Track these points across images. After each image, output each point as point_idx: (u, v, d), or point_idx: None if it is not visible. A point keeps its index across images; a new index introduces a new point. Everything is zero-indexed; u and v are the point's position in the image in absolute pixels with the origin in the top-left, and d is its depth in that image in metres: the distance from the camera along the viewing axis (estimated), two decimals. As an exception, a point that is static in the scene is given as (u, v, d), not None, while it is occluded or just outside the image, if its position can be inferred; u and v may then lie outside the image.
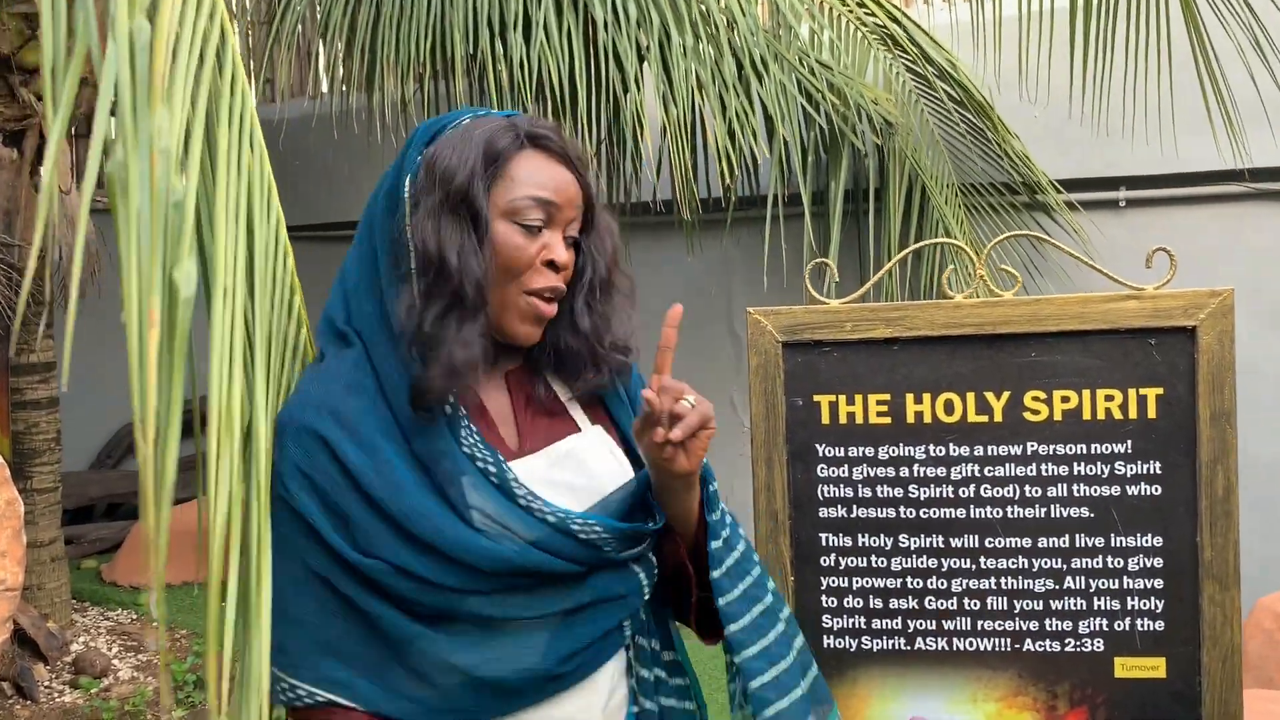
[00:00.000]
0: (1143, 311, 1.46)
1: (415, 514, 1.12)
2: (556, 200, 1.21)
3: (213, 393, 1.07)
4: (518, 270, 1.20)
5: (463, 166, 1.19)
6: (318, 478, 1.14)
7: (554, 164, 1.23)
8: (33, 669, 3.96)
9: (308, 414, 1.17)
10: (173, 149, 1.01)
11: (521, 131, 1.23)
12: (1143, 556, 1.47)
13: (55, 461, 4.42)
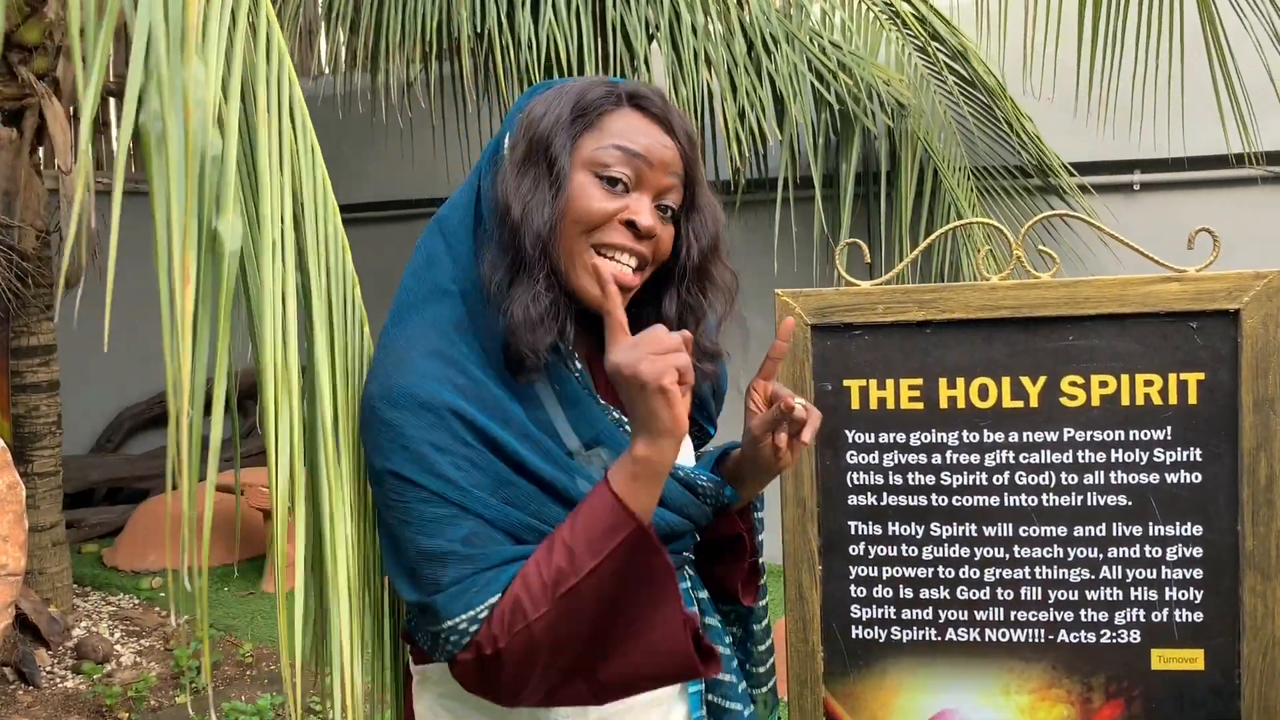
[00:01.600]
0: (1184, 294, 1.42)
1: (566, 476, 1.12)
2: (647, 156, 1.13)
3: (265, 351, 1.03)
4: (589, 224, 1.13)
5: (549, 116, 1.15)
6: (459, 451, 1.08)
7: (652, 125, 1.16)
8: (34, 654, 3.93)
9: (426, 388, 1.09)
10: (209, 101, 0.97)
11: (621, 90, 1.17)
12: (1182, 546, 1.43)
13: (56, 445, 4.38)
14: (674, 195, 1.17)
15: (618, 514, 1.06)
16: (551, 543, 1.08)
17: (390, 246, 5.76)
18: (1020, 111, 4.11)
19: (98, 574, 5.04)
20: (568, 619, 1.06)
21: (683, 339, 1.07)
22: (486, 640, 1.06)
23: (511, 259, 1.13)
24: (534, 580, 1.06)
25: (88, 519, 5.69)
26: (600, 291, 1.11)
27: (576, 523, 1.08)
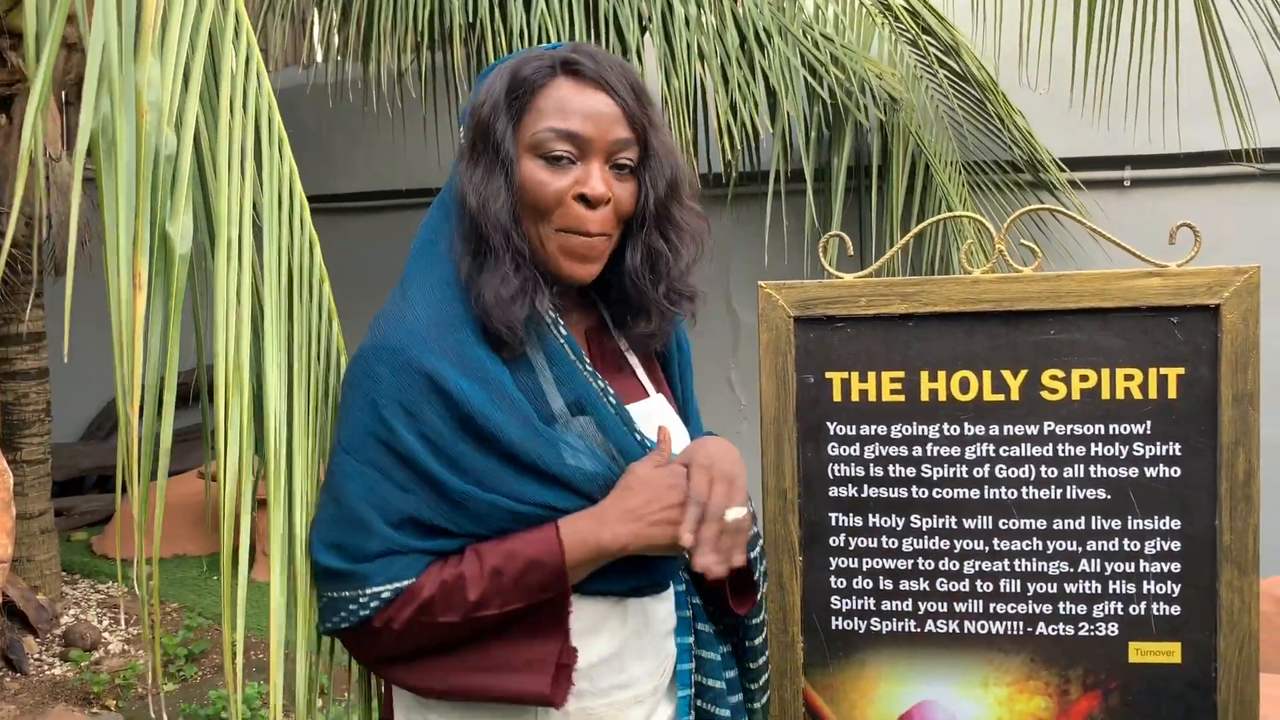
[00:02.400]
0: (1165, 289, 1.42)
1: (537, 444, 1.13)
2: (582, 131, 1.14)
3: (218, 353, 1.03)
4: (545, 208, 1.15)
5: (488, 102, 1.17)
6: (428, 417, 1.11)
7: (585, 90, 1.15)
8: (22, 642, 3.93)
9: (411, 347, 1.12)
10: (164, 101, 0.96)
11: (556, 59, 1.17)
12: (1160, 540, 1.44)
13: (45, 433, 4.38)
14: (629, 151, 1.17)
15: (560, 578, 1.12)
16: (482, 562, 1.12)
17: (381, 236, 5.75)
18: (1012, 106, 4.12)
19: (86, 562, 5.04)
20: (468, 632, 1.13)
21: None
22: (385, 616, 1.12)
23: (475, 246, 1.16)
24: (456, 593, 1.11)
25: (78, 507, 5.69)
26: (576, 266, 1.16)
27: (514, 558, 1.12)
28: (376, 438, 1.12)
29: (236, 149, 1.11)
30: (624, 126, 1.16)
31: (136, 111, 0.91)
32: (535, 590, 1.12)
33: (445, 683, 1.15)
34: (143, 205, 0.91)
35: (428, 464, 1.11)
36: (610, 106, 1.15)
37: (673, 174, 1.21)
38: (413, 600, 1.11)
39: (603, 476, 1.17)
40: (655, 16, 3.67)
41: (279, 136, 1.23)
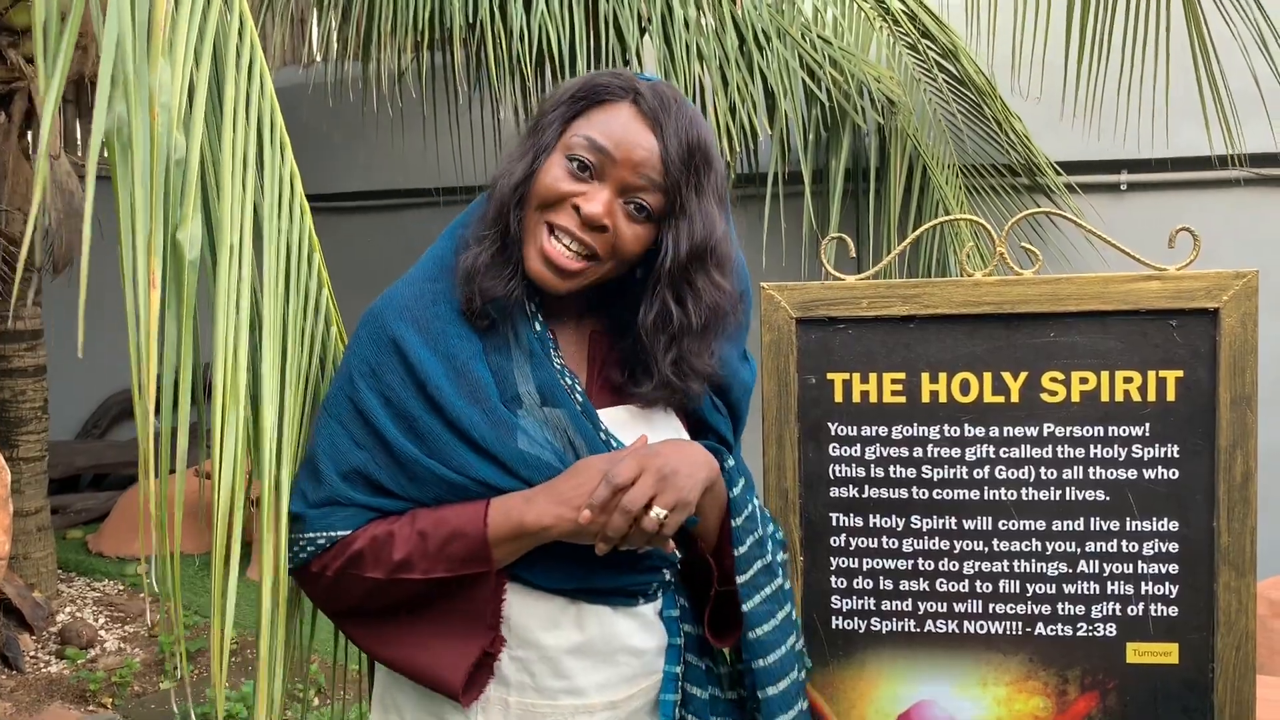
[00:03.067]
0: (1164, 292, 1.43)
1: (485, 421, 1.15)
2: (613, 151, 1.15)
3: (217, 358, 1.04)
4: (545, 201, 1.17)
5: (556, 95, 1.21)
6: (387, 378, 1.17)
7: (637, 122, 1.17)
8: (18, 639, 3.92)
9: (388, 314, 1.20)
10: (174, 104, 0.97)
11: (632, 86, 1.19)
12: (1158, 541, 1.45)
13: (42, 430, 4.37)
14: (648, 195, 1.17)
15: (482, 550, 1.13)
16: (414, 524, 1.15)
17: (379, 235, 5.76)
18: (1009, 110, 4.13)
19: (83, 560, 5.03)
20: (390, 594, 1.16)
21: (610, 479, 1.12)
22: (320, 563, 1.17)
23: (481, 214, 1.22)
24: (384, 549, 1.15)
25: (73, 504, 5.68)
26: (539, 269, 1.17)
27: (442, 525, 1.14)
28: (345, 394, 1.19)
29: (240, 154, 1.11)
30: (655, 170, 1.16)
31: (150, 114, 0.92)
32: (458, 561, 1.14)
33: (381, 649, 1.19)
34: (156, 208, 0.92)
35: (381, 422, 1.16)
36: (650, 145, 1.16)
37: (703, 241, 1.18)
38: (344, 551, 1.16)
39: (555, 469, 1.17)
40: (655, 18, 3.68)
41: (281, 141, 1.24)
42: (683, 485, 1.13)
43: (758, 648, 1.23)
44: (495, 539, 1.13)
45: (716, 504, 1.23)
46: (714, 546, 1.27)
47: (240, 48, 1.17)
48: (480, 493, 1.16)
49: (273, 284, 1.20)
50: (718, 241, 1.20)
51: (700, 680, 1.29)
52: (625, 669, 1.23)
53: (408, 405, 1.16)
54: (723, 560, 1.26)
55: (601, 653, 1.21)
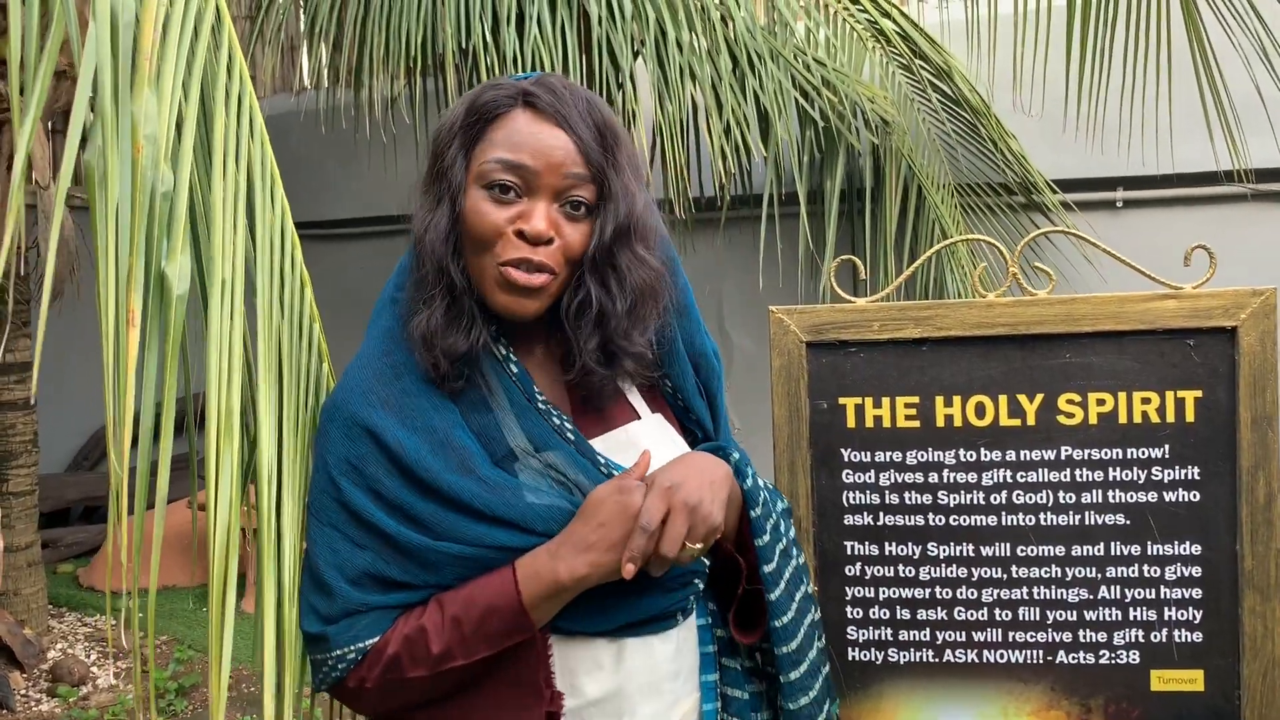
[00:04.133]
0: (1181, 311, 1.41)
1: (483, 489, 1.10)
2: (530, 164, 1.10)
3: (211, 394, 1.01)
4: (486, 241, 1.11)
5: (445, 129, 1.15)
6: (370, 470, 1.11)
7: (541, 123, 1.11)
8: (8, 677, 3.86)
9: (353, 402, 1.13)
10: (161, 135, 0.94)
11: (518, 90, 1.13)
12: (1180, 565, 1.42)
13: (32, 464, 4.32)
14: (582, 189, 1.12)
15: (521, 620, 1.09)
16: (443, 612, 1.10)
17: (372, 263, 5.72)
18: (1004, 129, 4.13)
19: (74, 594, 4.96)
20: (439, 688, 1.11)
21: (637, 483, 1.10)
22: (358, 676, 1.11)
23: (418, 276, 1.14)
24: (419, 645, 1.09)
25: (64, 538, 5.61)
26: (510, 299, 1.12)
27: (473, 607, 1.09)
28: (330, 496, 1.12)
29: (231, 187, 1.08)
30: (578, 164, 1.12)
31: (132, 145, 0.89)
32: (498, 637, 1.09)
33: None
34: (137, 241, 0.89)
35: (378, 518, 1.10)
36: (564, 142, 1.11)
37: (626, 219, 1.14)
38: (379, 659, 1.10)
39: (567, 512, 1.13)
40: (649, 41, 3.68)
41: (271, 174, 1.21)
42: (709, 512, 1.10)
43: (783, 634, 1.20)
44: (531, 603, 1.09)
45: (735, 506, 1.20)
46: (735, 542, 1.23)
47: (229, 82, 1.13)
48: (502, 559, 1.11)
49: (266, 319, 1.17)
50: (639, 216, 1.15)
51: (738, 681, 1.26)
52: (669, 696, 1.20)
53: (399, 495, 1.10)
54: (746, 553, 1.22)
55: (648, 683, 1.17)
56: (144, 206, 0.92)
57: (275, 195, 1.23)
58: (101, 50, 0.88)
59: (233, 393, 1.06)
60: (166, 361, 0.93)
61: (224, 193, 1.07)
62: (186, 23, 1.01)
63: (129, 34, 0.91)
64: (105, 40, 0.91)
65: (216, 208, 1.08)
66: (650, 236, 1.18)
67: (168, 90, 0.96)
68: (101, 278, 0.91)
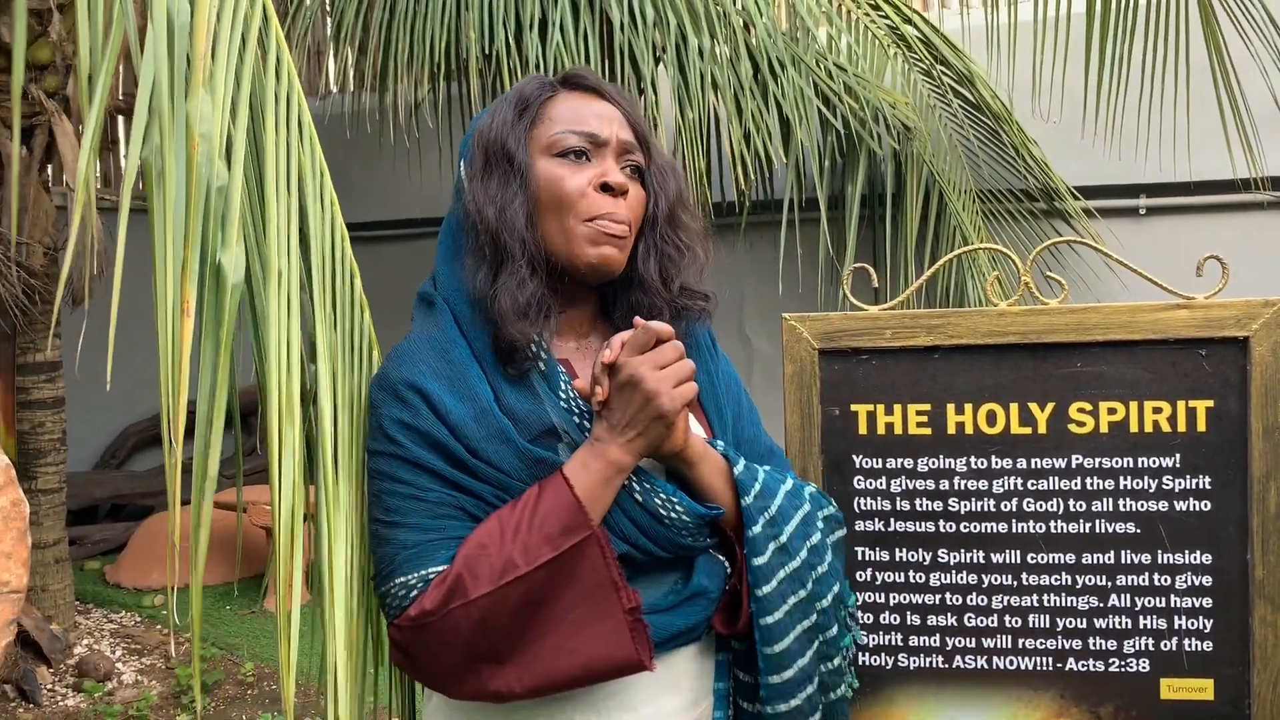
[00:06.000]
0: (1193, 321, 1.41)
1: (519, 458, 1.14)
2: (598, 130, 1.20)
3: (271, 381, 1.03)
4: (569, 200, 1.18)
5: (495, 123, 1.22)
6: (423, 426, 1.14)
7: (590, 98, 1.23)
8: (36, 672, 3.91)
9: (404, 368, 1.17)
10: (215, 133, 0.97)
11: (555, 79, 1.25)
12: (1191, 574, 1.42)
13: (60, 462, 4.38)
14: (637, 155, 1.24)
15: (577, 515, 1.09)
16: (502, 526, 1.10)
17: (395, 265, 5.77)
18: (1026, 135, 4.12)
19: (100, 591, 5.03)
20: (506, 605, 1.08)
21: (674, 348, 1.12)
22: (420, 605, 1.09)
23: (491, 256, 1.18)
24: (479, 562, 1.08)
25: (91, 536, 5.68)
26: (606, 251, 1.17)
27: (531, 513, 1.10)
28: (389, 454, 1.15)
29: (284, 180, 1.12)
30: (630, 131, 1.23)
31: (187, 143, 0.92)
32: (558, 535, 1.08)
33: (535, 673, 1.10)
34: (193, 233, 0.92)
35: (437, 465, 1.13)
36: (614, 112, 1.23)
37: (677, 183, 1.28)
38: (443, 583, 1.09)
39: None
40: (669, 47, 3.69)
41: (320, 169, 1.25)
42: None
43: (768, 634, 1.19)
44: (587, 495, 1.10)
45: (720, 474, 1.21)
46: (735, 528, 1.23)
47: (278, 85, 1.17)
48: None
49: (321, 308, 1.20)
50: (682, 179, 1.30)
51: (750, 695, 1.26)
52: (689, 694, 1.22)
53: (451, 447, 1.14)
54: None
55: (669, 680, 1.20)
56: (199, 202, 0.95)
57: (325, 189, 1.27)
58: (159, 53, 0.92)
59: (293, 379, 1.09)
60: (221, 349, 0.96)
61: (276, 186, 1.11)
62: (236, 25, 1.04)
63: (183, 36, 0.95)
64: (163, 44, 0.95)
65: (270, 201, 1.12)
66: (688, 198, 1.31)
67: (220, 87, 1.00)
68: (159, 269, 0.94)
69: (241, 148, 1.02)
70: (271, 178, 1.11)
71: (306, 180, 1.25)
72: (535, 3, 3.66)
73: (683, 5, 3.71)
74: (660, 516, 1.16)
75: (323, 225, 1.27)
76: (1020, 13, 3.55)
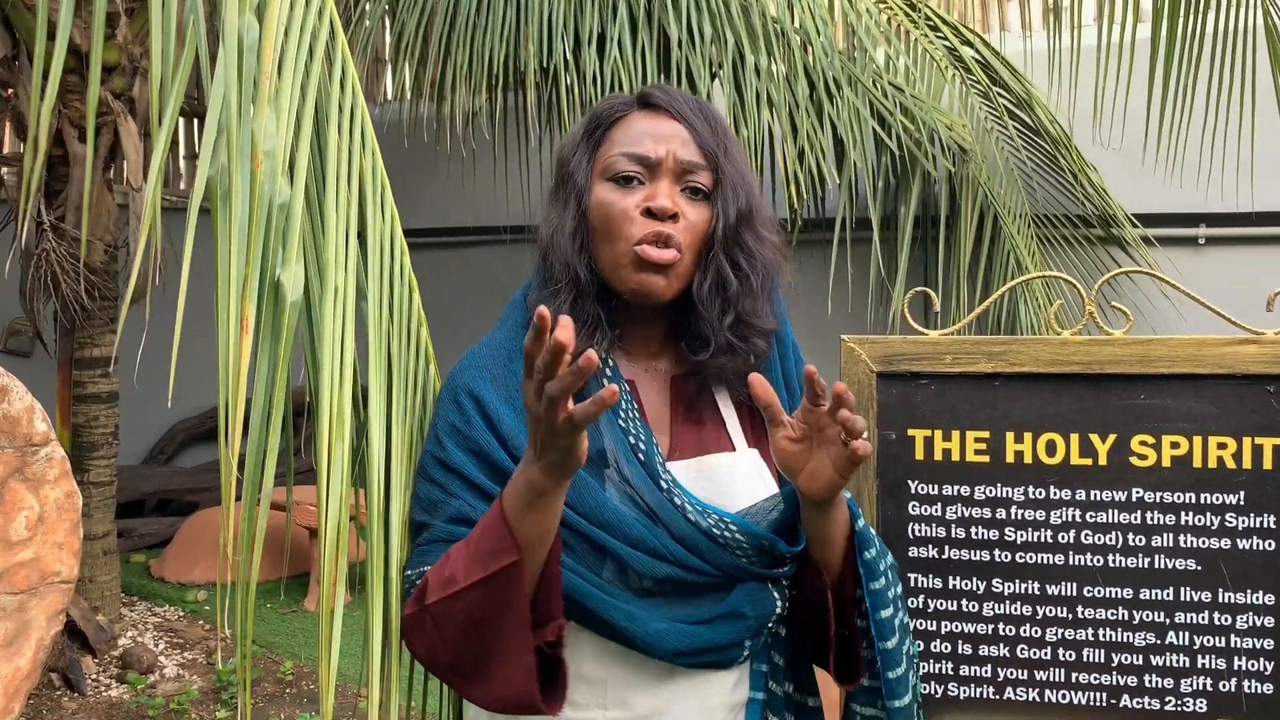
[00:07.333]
0: (1262, 357, 1.39)
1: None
2: (651, 152, 1.17)
3: (323, 398, 1.05)
4: (614, 225, 1.16)
5: (569, 141, 1.22)
6: (472, 433, 1.16)
7: (657, 118, 1.20)
8: (81, 662, 3.98)
9: (466, 373, 1.20)
10: (279, 150, 0.99)
11: (634, 96, 1.22)
12: (1253, 615, 1.39)
13: (112, 456, 4.46)
14: (700, 175, 1.19)
15: (504, 539, 1.04)
16: (467, 539, 1.10)
17: (445, 272, 5.83)
18: (1085, 161, 4.08)
19: (144, 584, 5.10)
20: (452, 619, 1.08)
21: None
22: (408, 606, 1.12)
23: (543, 277, 1.21)
24: (441, 570, 1.09)
25: (138, 529, 5.77)
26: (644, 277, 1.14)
27: (480, 528, 1.09)
28: (434, 456, 1.18)
29: (344, 197, 1.13)
30: (694, 150, 1.19)
31: (251, 161, 0.94)
32: (487, 556, 1.04)
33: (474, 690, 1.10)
34: (255, 251, 0.93)
35: (475, 476, 1.15)
36: (679, 131, 1.19)
37: (746, 202, 1.20)
38: (419, 584, 1.13)
39: (632, 518, 1.14)
40: (726, 64, 3.71)
41: (382, 183, 1.26)
42: None
43: (896, 687, 1.19)
44: (513, 514, 1.04)
45: (841, 525, 1.18)
46: (836, 580, 1.21)
47: (342, 96, 1.19)
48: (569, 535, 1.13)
49: (376, 323, 1.22)
50: (758, 200, 1.22)
51: (779, 709, 1.26)
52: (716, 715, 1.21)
53: (494, 456, 1.16)
54: (841, 597, 1.21)
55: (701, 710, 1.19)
56: (261, 218, 0.96)
57: (385, 203, 1.28)
58: (229, 73, 0.94)
59: (343, 395, 1.10)
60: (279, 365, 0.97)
61: (337, 202, 1.12)
62: (303, 41, 1.06)
63: (252, 56, 0.96)
64: (233, 64, 0.96)
65: (330, 217, 1.13)
66: (768, 221, 1.24)
67: (285, 105, 1.01)
68: (221, 286, 0.96)
69: (304, 164, 1.03)
70: (332, 190, 1.12)
71: (367, 192, 1.26)
72: (594, 17, 3.69)
73: (740, 23, 3.72)
74: (714, 536, 1.15)
75: (383, 237, 1.28)
76: (1084, 37, 3.52)
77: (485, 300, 4.99)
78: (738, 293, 1.19)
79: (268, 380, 0.96)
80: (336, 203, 1.11)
